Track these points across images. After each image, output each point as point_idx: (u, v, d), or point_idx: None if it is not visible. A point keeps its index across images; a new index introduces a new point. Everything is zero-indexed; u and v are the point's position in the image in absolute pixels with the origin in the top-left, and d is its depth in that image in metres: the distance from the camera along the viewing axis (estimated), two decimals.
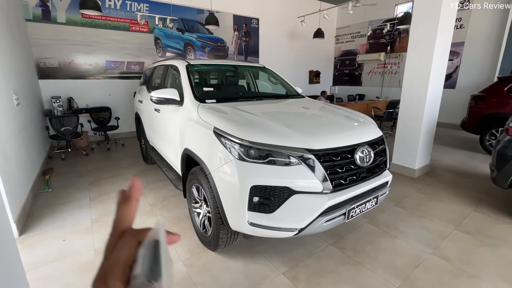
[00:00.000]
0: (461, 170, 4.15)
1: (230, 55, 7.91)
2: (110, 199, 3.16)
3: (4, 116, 2.71)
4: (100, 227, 2.58)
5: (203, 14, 6.97)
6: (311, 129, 1.83)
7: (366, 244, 2.32)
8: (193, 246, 2.28)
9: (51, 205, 3.02)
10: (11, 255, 1.35)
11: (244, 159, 1.66)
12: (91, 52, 5.77)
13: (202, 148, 1.98)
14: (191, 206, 2.37)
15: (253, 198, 1.64)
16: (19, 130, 3.15)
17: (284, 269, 2.01)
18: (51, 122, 4.54)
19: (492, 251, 2.22)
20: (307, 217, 1.62)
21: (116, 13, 5.89)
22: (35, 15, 5.10)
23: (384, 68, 9.06)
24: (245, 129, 1.75)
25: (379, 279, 1.91)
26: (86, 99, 5.87)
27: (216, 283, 1.87)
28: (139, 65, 6.43)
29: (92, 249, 2.24)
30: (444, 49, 3.57)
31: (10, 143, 2.75)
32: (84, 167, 4.33)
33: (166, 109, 2.77)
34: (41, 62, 5.30)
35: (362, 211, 1.86)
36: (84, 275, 1.94)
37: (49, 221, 2.69)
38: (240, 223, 1.71)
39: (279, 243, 2.31)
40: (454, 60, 7.43)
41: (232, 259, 2.12)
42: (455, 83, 7.52)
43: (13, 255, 1.37)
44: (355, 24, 9.65)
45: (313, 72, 10.16)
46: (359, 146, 1.79)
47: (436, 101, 3.79)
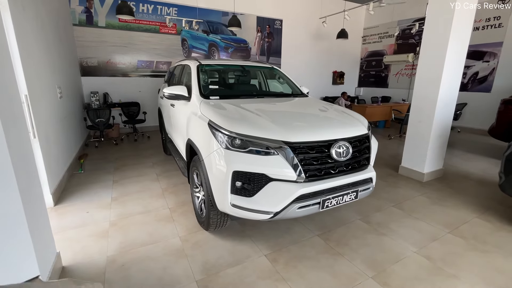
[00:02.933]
0: (478, 177, 3.94)
1: (253, 55, 8.18)
2: (129, 183, 3.59)
3: (48, 106, 3.24)
4: (117, 204, 2.99)
5: (227, 16, 7.31)
6: (292, 124, 2.01)
7: (352, 238, 2.42)
8: (191, 225, 2.56)
9: (82, 183, 3.54)
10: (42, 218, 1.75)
11: (229, 148, 1.89)
12: (125, 52, 6.42)
13: (199, 138, 2.25)
14: (193, 191, 2.66)
15: (236, 182, 1.87)
16: (60, 119, 3.72)
17: (267, 252, 2.20)
18: (88, 114, 5.18)
19: (481, 256, 2.18)
20: (282, 202, 1.81)
21: (148, 17, 6.47)
22: (81, 20, 5.83)
23: (412, 70, 8.67)
24: (233, 122, 1.98)
25: (354, 268, 2.02)
26: (119, 94, 6.54)
27: (204, 257, 2.12)
28: (167, 64, 6.97)
29: (108, 221, 2.63)
30: (461, 48, 3.43)
31: (52, 129, 3.29)
32: (112, 154, 4.90)
33: (179, 104, 3.10)
34: (83, 61, 6.05)
35: (339, 202, 1.98)
36: (99, 240, 2.33)
37: (79, 196, 3.17)
38: (224, 205, 1.94)
39: (269, 230, 2.50)
40: (491, 61, 6.91)
41: (223, 239, 2.36)
42: (490, 86, 6.98)
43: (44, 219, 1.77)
44: (382, 24, 9.35)
45: (337, 73, 10.03)
46: (336, 142, 1.92)
47: (450, 104, 3.66)
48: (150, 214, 2.79)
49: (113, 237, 2.36)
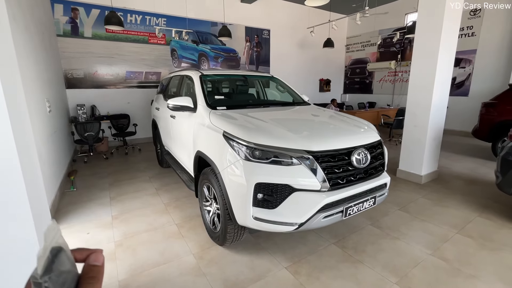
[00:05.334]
0: (470, 177, 4.14)
1: (242, 65, 8.22)
2: (128, 199, 3.41)
3: (39, 121, 3.04)
4: (120, 223, 2.82)
5: (216, 26, 7.34)
6: (311, 133, 2.00)
7: (367, 244, 2.42)
8: (203, 241, 2.46)
9: (76, 202, 3.31)
10: None
11: (249, 159, 1.84)
12: (113, 63, 6.23)
13: (213, 150, 2.19)
14: (202, 205, 2.56)
15: (257, 194, 1.82)
16: (50, 135, 3.49)
17: (287, 264, 2.15)
18: (76, 127, 4.92)
19: (492, 254, 2.26)
20: (306, 212, 1.78)
21: (137, 27, 6.34)
22: (65, 31, 5.60)
23: (395, 76, 9.08)
24: (251, 133, 1.94)
25: (377, 276, 2.01)
26: (107, 106, 6.29)
27: (222, 274, 2.03)
28: (156, 75, 6.83)
29: (113, 242, 2.47)
30: (449, 56, 3.65)
31: (44, 145, 3.08)
32: (104, 169, 4.66)
33: (181, 116, 3.02)
34: (68, 73, 5.78)
35: (359, 209, 1.99)
36: (106, 263, 2.16)
37: (75, 216, 2.96)
38: (245, 218, 1.88)
39: (283, 241, 2.45)
40: (467, 67, 7.39)
41: (239, 254, 2.28)
42: (468, 91, 7.45)
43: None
44: (365, 33, 9.78)
45: (324, 81, 10.31)
46: (356, 149, 1.94)
47: (442, 108, 3.85)
48: (157, 231, 2.65)
49: (121, 259, 2.21)
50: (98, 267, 0.34)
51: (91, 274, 0.33)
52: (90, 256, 0.34)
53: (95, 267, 0.34)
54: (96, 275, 0.33)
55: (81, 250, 0.35)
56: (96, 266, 0.34)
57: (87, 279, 0.32)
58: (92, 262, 0.34)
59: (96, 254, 0.35)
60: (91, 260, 0.34)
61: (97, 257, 0.35)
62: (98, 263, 0.34)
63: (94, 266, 0.34)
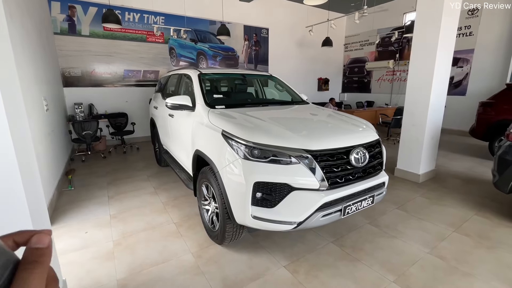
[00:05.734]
0: (467, 176, 4.16)
1: (241, 63, 8.20)
2: (126, 198, 3.40)
3: (36, 120, 3.02)
4: (118, 222, 2.81)
5: (215, 25, 7.31)
6: (310, 132, 2.01)
7: (365, 242, 2.43)
8: (202, 240, 2.46)
9: (74, 201, 3.30)
10: None
11: (248, 158, 1.84)
12: (110, 62, 6.19)
13: (212, 149, 2.19)
14: (201, 204, 2.56)
15: (256, 193, 1.82)
16: (47, 134, 3.47)
17: (286, 263, 2.15)
18: (73, 126, 4.90)
19: (489, 252, 2.28)
20: (305, 211, 1.78)
21: (135, 26, 6.31)
22: (62, 29, 5.56)
23: (393, 75, 9.11)
24: (250, 132, 1.94)
25: (374, 274, 2.02)
26: (105, 105, 6.26)
27: (221, 273, 2.03)
28: (154, 73, 6.80)
29: (111, 241, 2.46)
30: (447, 56, 3.67)
31: (41, 144, 3.06)
32: (102, 168, 4.64)
33: (180, 114, 3.01)
34: (66, 71, 5.74)
35: (358, 208, 1.99)
36: (105, 263, 2.16)
37: (73, 215, 2.95)
38: (244, 217, 1.88)
39: (282, 240, 2.45)
40: (464, 67, 7.42)
41: (238, 252, 2.28)
42: (465, 90, 7.49)
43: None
44: (363, 33, 9.79)
45: (322, 80, 10.31)
46: (354, 148, 1.95)
47: (440, 107, 3.87)
48: (155, 230, 2.64)
49: (120, 258, 2.21)
50: (41, 250, 0.30)
51: (32, 258, 0.29)
52: (31, 238, 0.31)
53: (37, 249, 0.30)
54: (39, 258, 0.29)
55: (22, 233, 0.31)
56: (38, 249, 0.30)
57: (25, 264, 0.28)
58: (34, 245, 0.30)
59: (39, 236, 0.31)
60: (33, 243, 0.30)
61: (40, 238, 0.31)
62: (41, 245, 0.30)
63: (36, 249, 0.30)
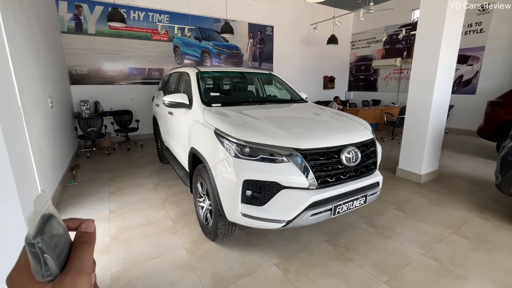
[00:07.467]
0: (472, 177, 4.06)
1: (245, 61, 8.20)
2: (126, 194, 3.48)
3: (40, 116, 3.11)
4: (116, 217, 2.88)
5: (219, 23, 7.33)
6: (301, 131, 2.00)
7: (360, 243, 2.42)
8: (196, 236, 2.49)
9: (76, 196, 3.39)
10: None
11: (238, 156, 1.85)
12: (116, 60, 6.29)
13: (205, 147, 2.21)
14: (196, 200, 2.59)
15: (246, 191, 1.83)
16: (52, 130, 3.57)
17: (277, 261, 2.16)
18: (79, 123, 5.02)
19: (486, 255, 2.23)
20: (294, 210, 1.78)
21: (140, 24, 6.39)
22: (69, 28, 5.68)
23: (401, 74, 8.93)
24: (241, 130, 1.95)
25: (365, 274, 2.01)
26: (111, 103, 6.38)
27: (212, 269, 2.06)
28: (159, 71, 6.88)
29: (108, 235, 2.52)
30: (451, 54, 3.57)
31: (44, 140, 3.15)
32: (106, 164, 4.74)
33: (178, 112, 3.05)
34: (73, 69, 5.87)
35: (349, 208, 1.98)
36: (101, 256, 2.22)
37: (74, 210, 3.03)
38: (234, 214, 1.90)
39: (276, 238, 2.46)
40: (474, 65, 7.21)
41: (230, 249, 2.31)
42: (475, 89, 7.27)
43: None
44: (370, 30, 9.62)
45: (328, 78, 10.21)
46: (346, 147, 1.93)
47: (444, 106, 3.78)
48: (152, 226, 2.70)
49: (115, 253, 2.26)
50: (89, 234, 0.36)
51: (83, 239, 0.36)
52: (81, 224, 0.37)
53: (86, 233, 0.36)
54: (88, 240, 0.36)
55: (73, 220, 0.37)
56: (87, 233, 0.36)
57: (79, 244, 0.35)
58: (84, 229, 0.36)
59: (87, 223, 0.37)
60: (83, 228, 0.37)
61: (88, 224, 0.37)
62: (89, 230, 0.37)
63: (85, 233, 0.36)
